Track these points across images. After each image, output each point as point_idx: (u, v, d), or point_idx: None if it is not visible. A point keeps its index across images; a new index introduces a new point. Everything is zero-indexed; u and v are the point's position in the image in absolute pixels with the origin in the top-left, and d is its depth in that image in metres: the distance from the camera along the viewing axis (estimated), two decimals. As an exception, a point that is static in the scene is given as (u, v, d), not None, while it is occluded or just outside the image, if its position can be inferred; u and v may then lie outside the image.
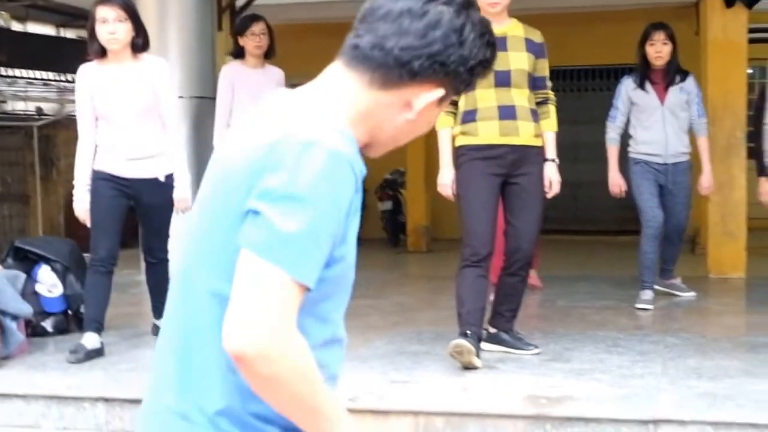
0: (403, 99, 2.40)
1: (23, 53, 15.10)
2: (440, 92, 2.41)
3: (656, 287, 8.72)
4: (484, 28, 2.47)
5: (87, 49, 7.22)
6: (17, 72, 15.15)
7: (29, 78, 15.38)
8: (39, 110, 15.79)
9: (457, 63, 2.41)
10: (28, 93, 15.60)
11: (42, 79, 15.65)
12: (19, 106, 15.73)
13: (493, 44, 2.47)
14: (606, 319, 8.07)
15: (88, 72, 6.88)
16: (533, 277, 9.15)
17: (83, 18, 15.07)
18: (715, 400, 5.56)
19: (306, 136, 2.19)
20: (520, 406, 5.52)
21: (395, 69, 2.37)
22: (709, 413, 5.36)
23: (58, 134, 16.37)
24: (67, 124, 16.65)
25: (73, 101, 16.30)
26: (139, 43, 6.88)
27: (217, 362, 2.19)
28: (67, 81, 16.20)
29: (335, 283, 2.34)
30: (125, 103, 6.87)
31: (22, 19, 15.20)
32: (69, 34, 16.18)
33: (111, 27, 6.70)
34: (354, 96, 2.39)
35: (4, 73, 14.93)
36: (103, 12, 6.70)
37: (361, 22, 2.43)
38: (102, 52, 6.78)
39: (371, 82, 2.38)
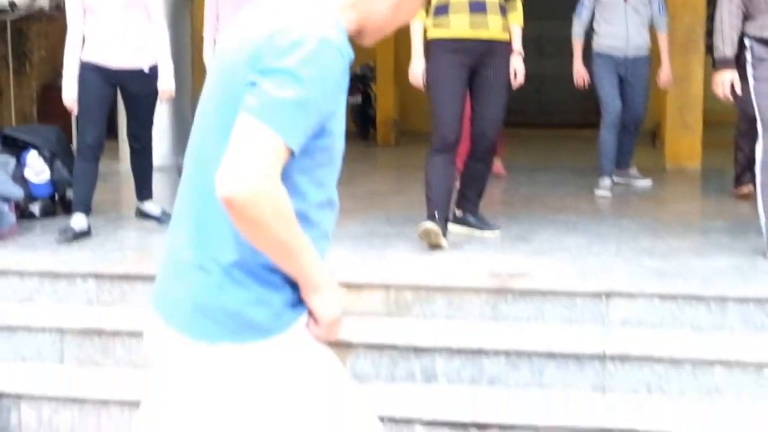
0: None
1: None
2: None
3: (615, 178, 8.97)
4: None
5: None
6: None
7: None
8: (12, 4, 15.76)
9: None
10: None
11: None
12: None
13: None
14: (566, 204, 8.33)
15: None
16: (498, 166, 9.49)
17: None
18: (664, 275, 5.85)
19: (300, 26, 2.44)
20: (483, 281, 5.71)
21: None
22: (657, 286, 5.60)
23: (30, 28, 16.33)
24: (40, 18, 16.68)
25: None
26: None
27: (230, 221, 2.44)
28: None
29: (327, 152, 2.60)
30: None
31: None
32: None
33: None
34: None
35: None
36: None
37: None
38: None
39: None
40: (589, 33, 8.97)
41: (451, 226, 6.77)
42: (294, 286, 2.58)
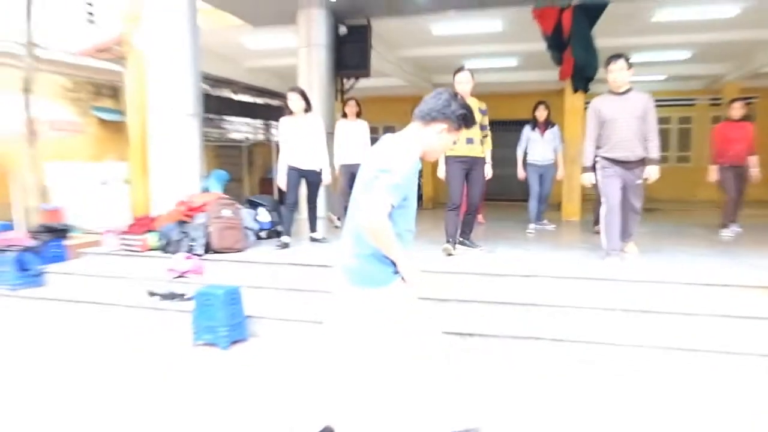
0: (432, 130, 2.96)
1: (238, 110, 15.64)
2: (445, 125, 2.93)
3: (536, 225, 9.02)
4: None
5: (270, 108, 7.66)
6: (236, 119, 15.69)
7: (241, 122, 15.88)
8: (246, 138, 16.36)
9: (450, 113, 2.96)
10: (241, 129, 16.06)
11: (247, 123, 16.15)
12: (236, 136, 16.23)
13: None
14: (514, 235, 8.41)
15: (285, 120, 7.09)
16: (480, 218, 9.68)
17: (268, 93, 15.38)
18: (557, 263, 5.91)
19: (399, 152, 2.81)
20: (474, 269, 5.83)
21: (426, 116, 2.96)
22: (550, 271, 5.61)
23: (255, 149, 16.83)
24: (260, 144, 17.26)
25: (261, 133, 16.82)
26: (308, 108, 7.04)
27: (366, 235, 2.79)
28: (259, 124, 16.80)
29: (407, 209, 2.89)
30: (303, 137, 6.93)
31: (237, 93, 15.57)
32: (259, 100, 16.51)
33: (295, 102, 6.96)
34: (415, 132, 2.97)
35: (230, 119, 15.49)
36: (291, 94, 6.97)
37: (418, 105, 3.03)
38: (291, 112, 7.04)
39: (420, 123, 2.97)
40: (525, 153, 8.99)
41: (458, 247, 6.73)
42: (395, 264, 2.88)
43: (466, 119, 3.01)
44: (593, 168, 6.18)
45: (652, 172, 5.96)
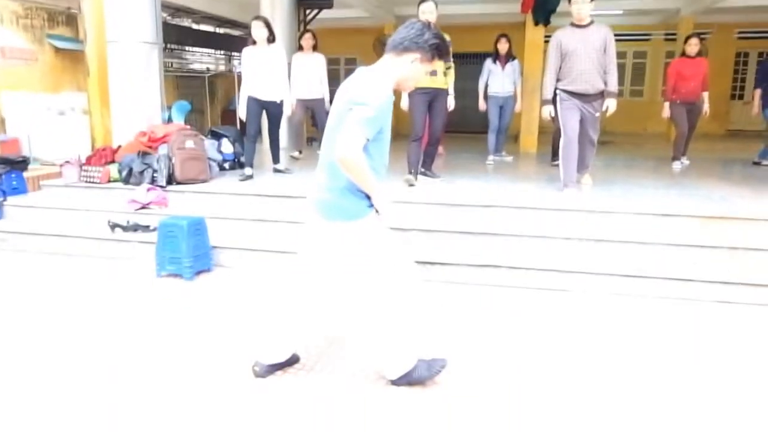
0: (405, 60, 2.87)
1: (199, 40, 15.15)
2: (418, 55, 2.85)
3: (495, 156, 9.09)
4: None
5: (232, 39, 7.32)
6: (197, 49, 15.20)
7: (202, 52, 15.40)
8: (207, 69, 15.90)
9: (422, 42, 2.86)
10: (202, 60, 15.59)
11: (208, 53, 15.68)
12: (197, 66, 15.76)
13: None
14: (473, 166, 8.39)
15: (247, 50, 6.88)
16: (441, 149, 9.58)
17: (229, 23, 14.89)
18: (513, 193, 5.86)
19: (372, 84, 2.72)
20: (433, 198, 5.79)
21: (399, 46, 2.86)
22: (505, 201, 5.64)
23: (217, 80, 16.38)
24: (222, 75, 16.82)
25: (223, 64, 16.33)
26: (271, 38, 6.82)
27: (340, 168, 2.68)
28: (221, 54, 16.35)
29: (382, 141, 2.79)
30: (264, 68, 6.76)
31: (197, 23, 15.07)
32: (220, 30, 16.01)
33: (258, 31, 6.76)
34: (389, 62, 2.87)
35: (191, 50, 15.00)
36: (255, 23, 6.77)
37: (392, 34, 2.94)
38: (254, 42, 6.85)
39: (393, 54, 2.87)
40: (486, 85, 8.94)
41: (420, 177, 6.77)
42: (368, 196, 2.81)
43: (439, 49, 2.91)
44: (553, 101, 6.14)
45: (611, 105, 5.96)
